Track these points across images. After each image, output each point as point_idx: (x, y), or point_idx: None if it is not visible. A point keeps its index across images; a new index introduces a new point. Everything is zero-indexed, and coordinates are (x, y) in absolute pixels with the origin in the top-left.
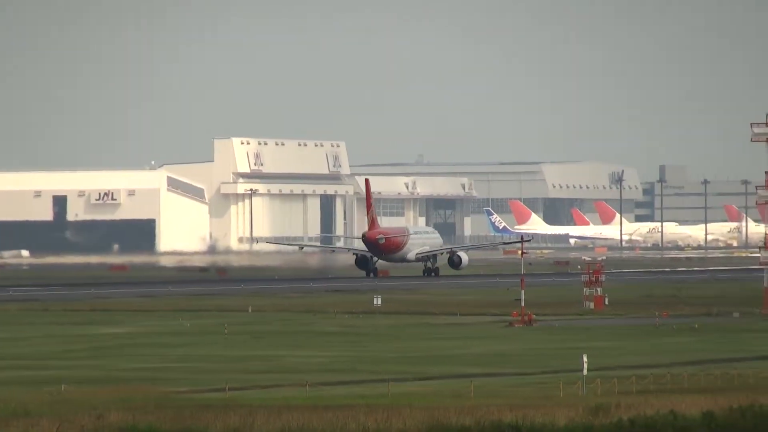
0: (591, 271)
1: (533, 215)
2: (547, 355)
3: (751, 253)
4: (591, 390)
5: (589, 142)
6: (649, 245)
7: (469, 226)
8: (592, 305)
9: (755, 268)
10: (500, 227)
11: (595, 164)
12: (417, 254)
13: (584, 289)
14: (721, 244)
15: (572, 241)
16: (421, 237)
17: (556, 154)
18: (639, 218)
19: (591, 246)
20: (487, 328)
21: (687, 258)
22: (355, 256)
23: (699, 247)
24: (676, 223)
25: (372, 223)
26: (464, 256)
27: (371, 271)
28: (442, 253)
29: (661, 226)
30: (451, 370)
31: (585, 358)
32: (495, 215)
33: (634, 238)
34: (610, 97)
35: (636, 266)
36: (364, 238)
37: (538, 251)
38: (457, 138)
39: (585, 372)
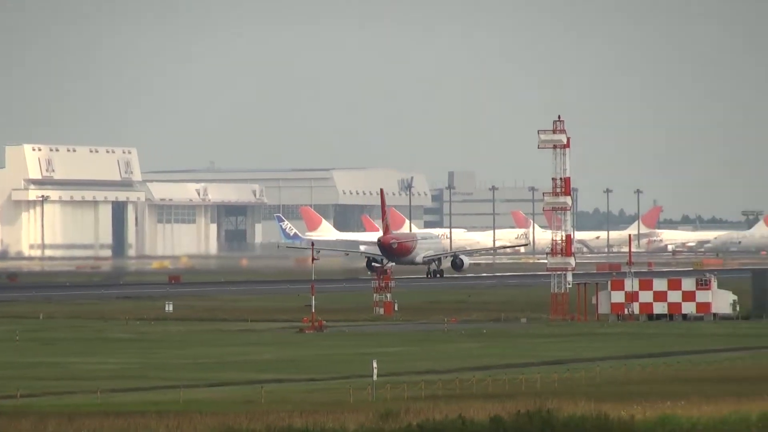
0: (380, 277)
1: (324, 221)
2: (338, 361)
3: (538, 259)
4: (381, 395)
5: (379, 149)
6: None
7: (260, 233)
8: (382, 311)
9: (542, 274)
10: (291, 234)
11: (385, 171)
12: (424, 257)
13: (374, 295)
14: (508, 251)
15: (362, 247)
16: (427, 242)
17: (346, 160)
18: (428, 224)
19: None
20: (278, 335)
21: (475, 264)
22: (366, 259)
23: (487, 253)
24: (465, 230)
25: (386, 228)
26: (466, 259)
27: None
28: (446, 257)
29: (450, 232)
30: (243, 377)
31: (375, 364)
32: (286, 222)
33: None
34: (400, 104)
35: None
36: (379, 243)
37: (329, 257)
38: (248, 144)
39: (375, 377)
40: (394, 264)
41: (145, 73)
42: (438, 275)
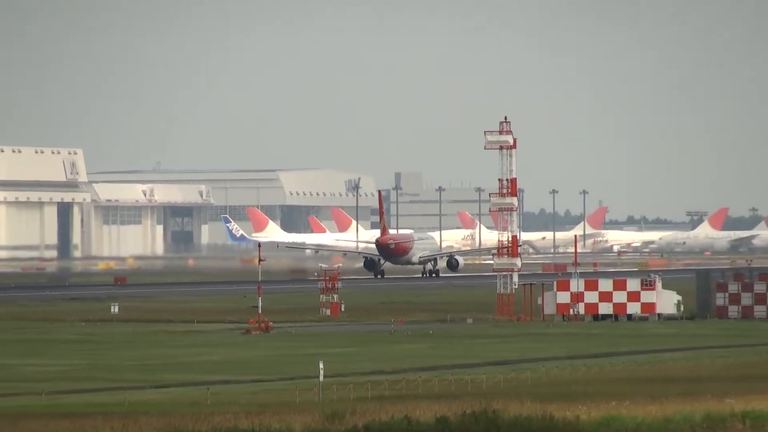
0: (327, 278)
1: (270, 222)
2: (284, 362)
3: (484, 260)
4: (327, 396)
5: (325, 150)
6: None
7: (207, 234)
8: (328, 312)
9: (488, 275)
10: (238, 235)
11: (332, 172)
12: (420, 257)
13: (321, 296)
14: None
15: (361, 246)
16: (423, 242)
17: (293, 161)
18: (375, 225)
19: (328, 253)
20: (224, 336)
21: None
22: (364, 259)
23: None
24: (412, 230)
25: (383, 229)
26: (461, 260)
27: (378, 272)
28: (442, 257)
29: (397, 233)
30: (189, 378)
31: (321, 365)
32: (232, 223)
33: (369, 245)
34: (347, 104)
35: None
36: (377, 243)
37: (275, 258)
38: (195, 145)
39: (321, 378)
40: (385, 263)
41: (90, 74)
42: (434, 275)
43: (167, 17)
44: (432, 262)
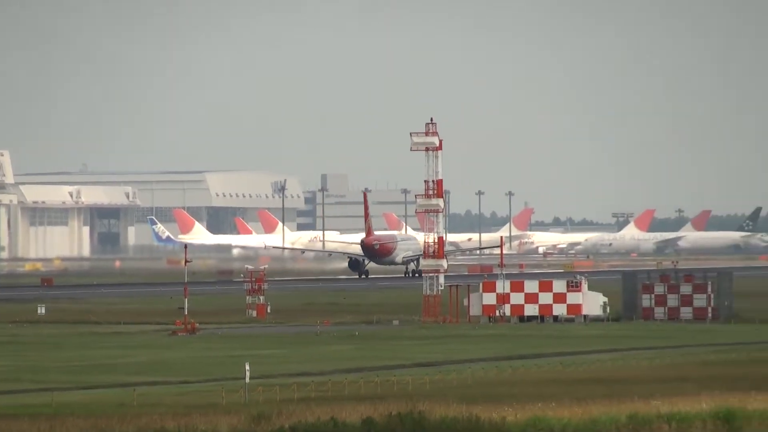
0: (253, 280)
1: (197, 224)
2: (211, 364)
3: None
4: (253, 398)
5: (252, 151)
6: (311, 254)
7: (133, 236)
8: (254, 313)
9: (413, 277)
10: (164, 237)
11: (258, 173)
12: (403, 257)
13: (247, 298)
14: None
15: (235, 250)
16: (406, 243)
17: (219, 162)
18: (301, 227)
19: (254, 255)
20: (150, 337)
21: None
22: (349, 259)
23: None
24: (338, 232)
25: (368, 231)
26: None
27: (363, 272)
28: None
29: (323, 234)
30: (115, 379)
31: (248, 366)
32: (158, 224)
33: (296, 247)
34: (273, 106)
35: (298, 275)
36: (362, 244)
37: (201, 260)
38: (121, 146)
39: (248, 380)
40: (369, 262)
41: (17, 74)
42: (417, 275)
43: (90, 17)
44: (414, 262)
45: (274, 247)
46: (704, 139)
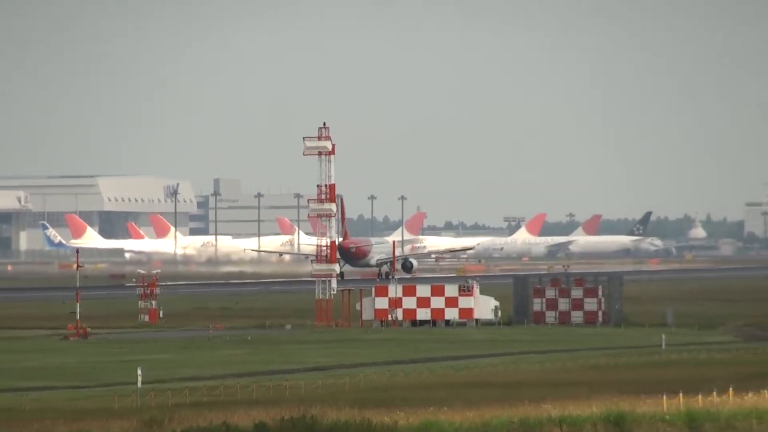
0: (146, 285)
1: (89, 229)
2: (103, 368)
3: (303, 266)
4: (146, 402)
5: (144, 155)
6: (203, 259)
7: (25, 241)
8: (147, 318)
9: (307, 280)
10: (56, 241)
11: (151, 178)
12: (377, 260)
13: (139, 302)
14: (273, 258)
15: (127, 255)
16: (380, 246)
17: (112, 167)
18: (194, 231)
19: (146, 260)
20: (42, 342)
21: (241, 271)
22: None
23: (252, 261)
24: (231, 236)
25: (345, 234)
26: (415, 262)
27: (338, 274)
28: (398, 260)
29: (215, 239)
30: (6, 384)
31: (140, 371)
32: (50, 229)
33: (188, 251)
34: (165, 109)
35: (191, 279)
36: (339, 247)
37: (93, 265)
38: (13, 150)
39: (140, 384)
40: (345, 264)
41: None
42: (390, 277)
43: None
44: (388, 265)
45: (252, 250)
46: (595, 144)
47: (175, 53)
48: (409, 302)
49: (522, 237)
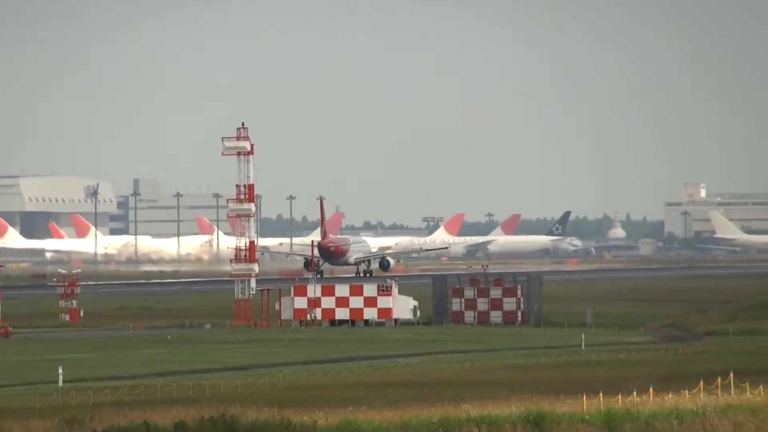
0: (66, 284)
1: (10, 229)
2: (24, 367)
3: (222, 266)
4: (67, 401)
5: (65, 155)
6: (123, 259)
7: None
8: (67, 317)
9: (226, 280)
10: None
11: (71, 178)
12: (356, 259)
13: (60, 302)
14: (193, 258)
15: (48, 254)
16: (358, 245)
17: (32, 167)
18: (114, 231)
19: (67, 259)
20: None
21: (161, 271)
22: (304, 260)
23: (172, 260)
24: (151, 236)
25: (324, 234)
26: (392, 261)
27: (318, 272)
28: (375, 258)
29: (135, 239)
30: None
31: (61, 370)
32: None
33: (108, 251)
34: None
35: (111, 279)
36: (319, 246)
37: (14, 264)
38: None
39: (61, 383)
40: (324, 263)
41: None
42: (368, 274)
43: None
44: (366, 263)
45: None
46: (514, 144)
47: (92, 52)
48: (328, 302)
49: (440, 237)
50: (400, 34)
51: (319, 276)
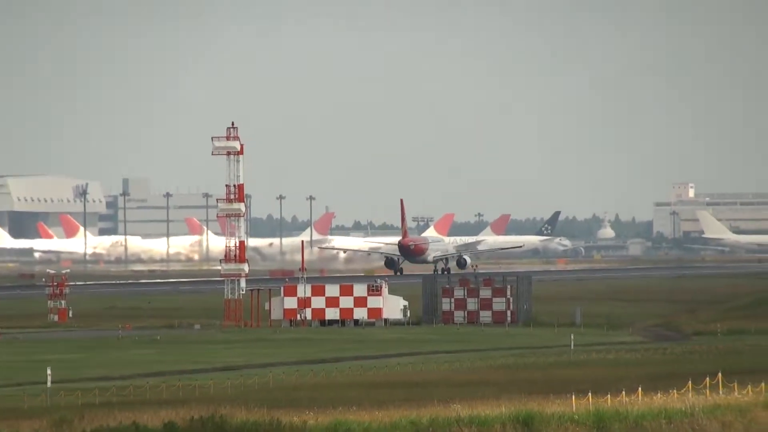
0: (55, 284)
1: None
2: (12, 368)
3: (212, 266)
4: (56, 402)
5: (54, 155)
6: (113, 259)
7: None
8: (56, 318)
9: (216, 280)
10: None
11: (60, 177)
12: (434, 257)
13: (49, 302)
14: (183, 258)
15: (37, 254)
16: (436, 244)
17: (21, 167)
18: (103, 231)
19: (56, 259)
20: None
21: (150, 271)
22: (385, 258)
23: (162, 260)
24: (140, 237)
25: (404, 233)
26: (468, 259)
27: (398, 270)
28: (453, 257)
29: (125, 239)
30: None
31: (49, 371)
32: None
33: (98, 251)
34: (76, 109)
35: (100, 279)
36: (400, 245)
37: (2, 264)
38: None
39: (49, 384)
40: (404, 261)
41: None
42: (445, 272)
43: None
44: (444, 261)
45: (322, 248)
46: (504, 144)
47: (82, 52)
48: (318, 302)
49: (430, 236)
50: (390, 34)
51: (398, 273)
